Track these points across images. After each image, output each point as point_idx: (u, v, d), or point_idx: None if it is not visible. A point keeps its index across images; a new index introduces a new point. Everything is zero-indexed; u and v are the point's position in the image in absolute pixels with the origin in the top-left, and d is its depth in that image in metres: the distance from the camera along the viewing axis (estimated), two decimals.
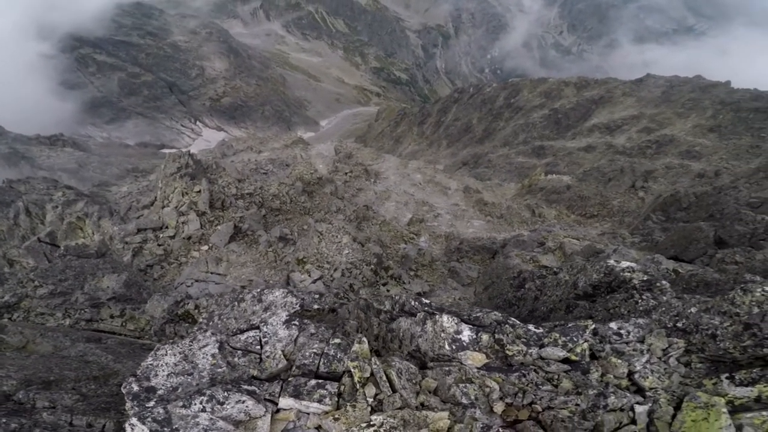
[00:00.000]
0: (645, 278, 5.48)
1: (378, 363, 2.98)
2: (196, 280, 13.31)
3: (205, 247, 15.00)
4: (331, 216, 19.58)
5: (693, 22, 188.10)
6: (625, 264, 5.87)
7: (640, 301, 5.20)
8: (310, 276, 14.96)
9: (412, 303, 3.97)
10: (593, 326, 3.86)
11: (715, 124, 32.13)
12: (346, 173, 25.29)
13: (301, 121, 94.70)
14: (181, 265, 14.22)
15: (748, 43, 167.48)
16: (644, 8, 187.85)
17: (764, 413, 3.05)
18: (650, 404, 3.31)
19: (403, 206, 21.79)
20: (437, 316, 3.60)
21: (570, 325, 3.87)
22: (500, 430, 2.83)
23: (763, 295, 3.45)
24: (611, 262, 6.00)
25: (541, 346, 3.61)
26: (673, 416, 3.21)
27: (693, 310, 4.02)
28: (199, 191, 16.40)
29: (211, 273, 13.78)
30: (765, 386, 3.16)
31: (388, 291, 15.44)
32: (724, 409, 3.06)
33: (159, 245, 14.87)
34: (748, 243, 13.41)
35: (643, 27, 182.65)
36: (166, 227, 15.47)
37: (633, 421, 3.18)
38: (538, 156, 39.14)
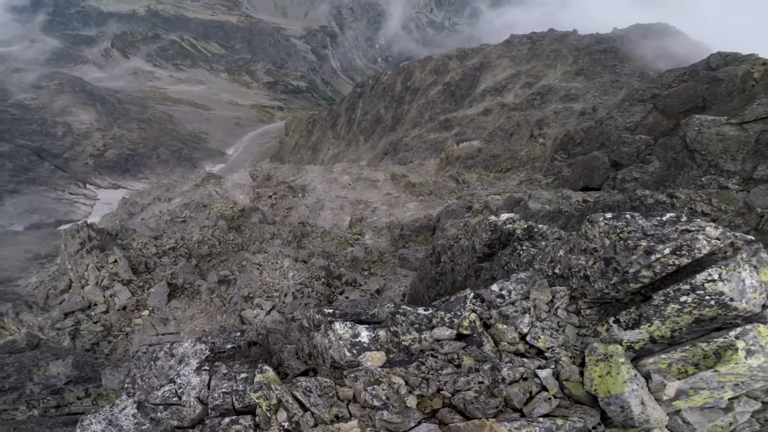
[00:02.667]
0: (525, 226, 5.31)
1: (280, 387, 2.96)
2: (150, 345, 12.29)
3: (146, 312, 13.97)
4: (267, 244, 18.89)
5: None
6: (504, 216, 5.66)
7: (522, 252, 4.98)
8: (262, 309, 14.45)
9: (317, 316, 3.87)
10: (471, 294, 3.72)
11: (579, 69, 36.89)
12: (270, 197, 24.43)
13: (204, 156, 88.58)
14: (127, 336, 13.33)
15: None
16: None
17: (663, 356, 2.90)
18: (552, 366, 3.10)
19: (339, 211, 21.73)
20: (333, 325, 3.52)
21: (452, 298, 3.70)
22: (423, 423, 2.72)
23: (606, 224, 3.27)
24: (492, 218, 5.76)
25: (432, 328, 3.48)
26: (582, 374, 3.00)
27: (561, 252, 3.66)
28: (115, 261, 14.96)
29: (163, 335, 12.88)
30: (650, 326, 2.99)
31: (347, 298, 15.40)
32: (623, 359, 2.86)
33: (95, 323, 13.73)
34: (637, 159, 15.78)
35: None
36: (95, 304, 14.16)
37: (544, 388, 2.99)
38: (446, 129, 41.46)
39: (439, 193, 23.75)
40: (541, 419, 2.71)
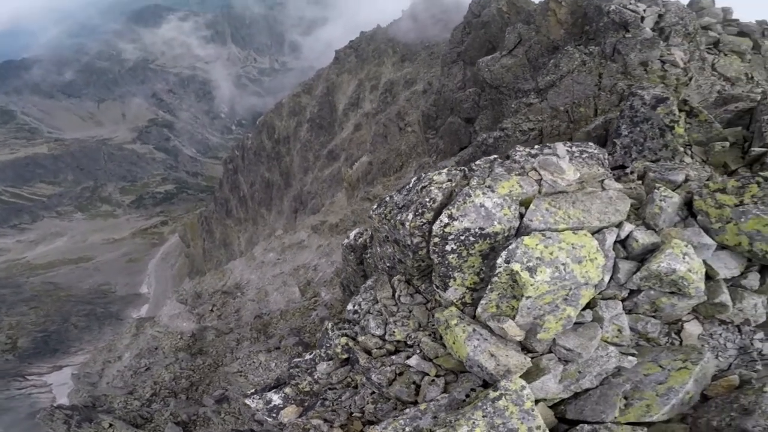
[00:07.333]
0: (370, 234, 5.32)
1: None
2: None
3: None
4: (237, 351, 18.81)
5: None
6: (353, 234, 5.81)
7: (368, 260, 5.00)
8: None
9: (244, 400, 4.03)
10: (330, 324, 3.96)
11: (401, 56, 41.55)
12: (211, 311, 23.70)
13: (122, 306, 78.77)
14: None
15: None
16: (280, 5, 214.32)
17: (484, 301, 2.86)
18: (418, 351, 3.13)
19: (284, 287, 22.02)
20: (245, 402, 3.78)
21: (320, 334, 4.00)
22: None
23: (376, 214, 3.42)
24: (345, 240, 5.94)
25: (316, 367, 3.71)
26: (445, 347, 3.00)
27: (378, 249, 3.79)
28: (110, 425, 14.84)
29: None
30: (455, 280, 2.94)
31: None
32: (455, 320, 2.85)
33: None
34: (479, 109, 18.80)
35: (303, 18, 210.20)
36: None
37: (426, 373, 3.03)
38: (335, 159, 43.30)
39: (362, 218, 25.21)
40: (407, 410, 2.73)
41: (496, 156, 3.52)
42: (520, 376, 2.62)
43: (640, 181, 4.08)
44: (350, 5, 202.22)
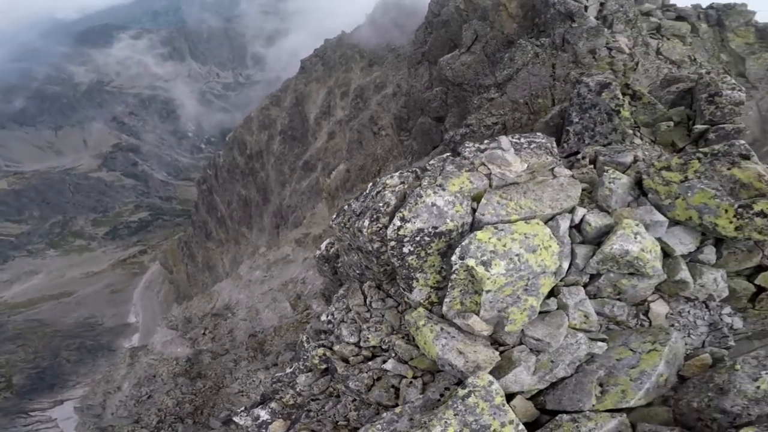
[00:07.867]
0: (332, 250, 5.23)
1: None
2: None
3: None
4: (236, 371, 18.74)
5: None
6: (324, 244, 5.70)
7: (340, 269, 5.02)
8: None
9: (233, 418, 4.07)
10: (305, 337, 4.12)
11: (369, 61, 41.79)
12: (204, 334, 23.33)
13: (112, 337, 76.24)
14: None
15: None
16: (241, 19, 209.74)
17: (448, 299, 2.85)
18: (393, 355, 3.17)
19: (274, 303, 21.89)
20: (234, 420, 3.76)
21: (297, 346, 4.06)
22: None
23: (336, 224, 3.46)
24: (317, 252, 5.79)
25: (296, 379, 3.77)
26: (418, 348, 3.01)
27: (346, 257, 3.86)
28: None
29: None
30: (418, 281, 2.95)
31: None
32: (422, 321, 2.86)
33: None
34: (447, 108, 19.18)
35: (264, 29, 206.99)
36: None
37: (401, 376, 3.05)
38: (311, 170, 43.11)
39: None
40: (384, 414, 2.73)
41: (448, 154, 3.57)
42: (492, 371, 2.61)
43: (592, 166, 4.23)
44: (311, 13, 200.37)
